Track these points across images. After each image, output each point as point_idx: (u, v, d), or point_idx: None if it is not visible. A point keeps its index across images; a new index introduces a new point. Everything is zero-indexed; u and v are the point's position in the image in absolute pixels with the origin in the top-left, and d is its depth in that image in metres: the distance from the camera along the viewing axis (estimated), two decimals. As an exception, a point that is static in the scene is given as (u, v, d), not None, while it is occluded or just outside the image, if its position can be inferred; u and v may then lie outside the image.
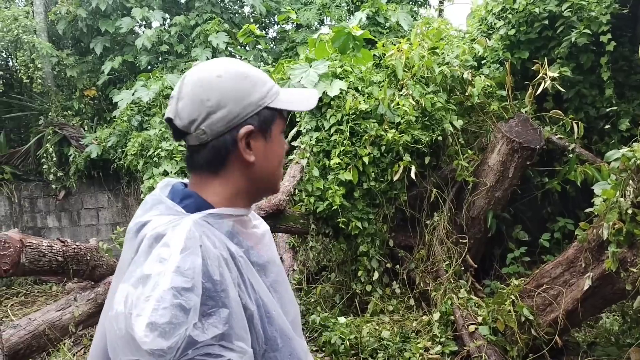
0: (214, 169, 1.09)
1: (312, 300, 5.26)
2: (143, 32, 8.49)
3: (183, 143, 1.11)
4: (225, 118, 1.05)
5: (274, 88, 1.13)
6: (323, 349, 4.42)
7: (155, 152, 6.33)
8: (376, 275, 4.94)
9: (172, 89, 7.22)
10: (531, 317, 3.76)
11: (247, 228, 1.15)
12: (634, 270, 3.19)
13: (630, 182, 3.30)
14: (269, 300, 1.08)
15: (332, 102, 5.01)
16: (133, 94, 7.11)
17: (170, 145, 6.32)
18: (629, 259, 3.28)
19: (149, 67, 8.40)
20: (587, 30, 4.87)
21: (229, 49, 8.03)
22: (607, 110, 5.12)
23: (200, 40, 7.88)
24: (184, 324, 0.89)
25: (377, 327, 4.47)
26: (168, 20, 8.90)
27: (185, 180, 1.17)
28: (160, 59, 8.45)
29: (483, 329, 3.90)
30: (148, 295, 0.90)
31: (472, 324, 3.97)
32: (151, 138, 6.50)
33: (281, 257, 6.10)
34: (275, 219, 4.73)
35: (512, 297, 3.89)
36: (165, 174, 6.19)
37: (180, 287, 0.91)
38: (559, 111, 4.93)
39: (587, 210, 3.60)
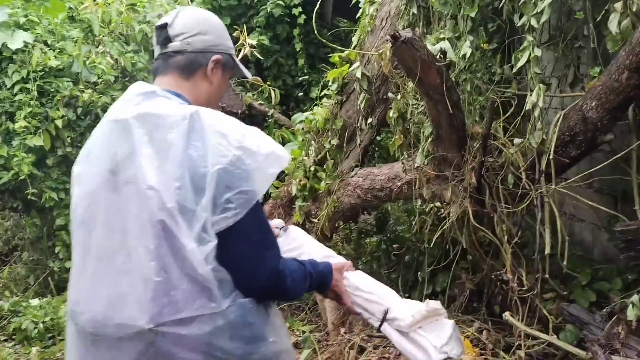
0: (186, 73, 1.37)
1: (0, 285, 4.61)
2: None
3: None
4: (207, 42, 1.39)
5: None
6: (13, 337, 3.93)
7: None
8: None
9: None
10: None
11: None
12: (315, 221, 3.61)
13: (313, 142, 3.68)
14: None
15: (14, 57, 4.41)
16: None
17: None
18: (312, 211, 3.69)
19: None
20: (281, 2, 5.22)
21: None
22: (301, 79, 5.62)
23: None
24: None
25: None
26: None
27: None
28: None
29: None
30: (260, 136, 1.26)
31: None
32: None
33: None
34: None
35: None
36: None
37: None
38: (259, 78, 5.18)
39: (282, 169, 3.89)
